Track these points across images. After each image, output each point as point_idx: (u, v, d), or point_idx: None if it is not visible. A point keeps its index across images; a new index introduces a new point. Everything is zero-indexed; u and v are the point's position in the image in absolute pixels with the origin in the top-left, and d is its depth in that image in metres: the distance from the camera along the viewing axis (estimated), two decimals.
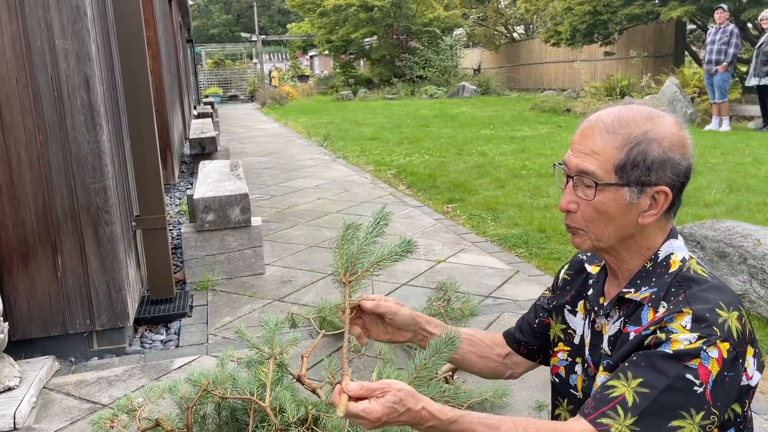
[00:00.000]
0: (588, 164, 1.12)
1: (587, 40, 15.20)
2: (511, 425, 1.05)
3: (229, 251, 3.95)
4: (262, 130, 13.52)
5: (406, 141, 10.06)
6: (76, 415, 2.44)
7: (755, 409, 2.31)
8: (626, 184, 1.11)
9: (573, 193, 1.15)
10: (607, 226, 1.14)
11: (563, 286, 1.39)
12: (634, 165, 1.10)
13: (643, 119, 1.11)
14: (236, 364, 2.23)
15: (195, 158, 7.89)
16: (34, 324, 2.81)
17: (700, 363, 1.02)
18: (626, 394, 1.04)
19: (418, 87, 21.46)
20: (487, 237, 4.74)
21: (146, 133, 3.36)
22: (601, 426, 1.03)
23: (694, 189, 5.83)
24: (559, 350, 1.35)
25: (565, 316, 1.35)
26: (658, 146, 1.10)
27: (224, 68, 30.90)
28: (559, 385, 1.35)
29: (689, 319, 1.05)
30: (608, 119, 1.13)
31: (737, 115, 10.71)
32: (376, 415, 1.03)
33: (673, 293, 1.12)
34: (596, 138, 1.12)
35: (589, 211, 1.14)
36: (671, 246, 1.18)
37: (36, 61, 2.63)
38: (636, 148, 1.10)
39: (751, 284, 3.05)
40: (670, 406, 1.02)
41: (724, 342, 1.03)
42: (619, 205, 1.12)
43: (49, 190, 2.73)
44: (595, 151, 1.12)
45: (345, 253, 1.29)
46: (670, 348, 1.04)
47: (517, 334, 1.46)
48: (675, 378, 1.02)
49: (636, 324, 1.13)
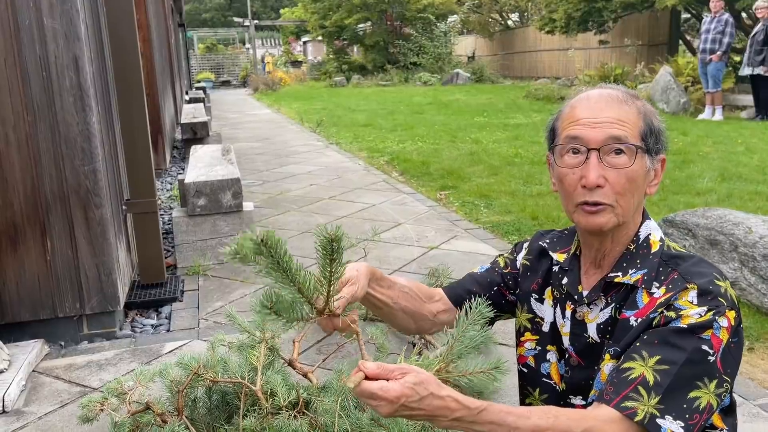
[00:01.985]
0: (619, 131, 1.11)
1: (582, 28, 15.14)
2: (541, 413, 1.02)
3: (221, 236, 3.93)
4: (255, 116, 13.44)
5: (400, 128, 10.02)
6: (65, 399, 2.42)
7: (744, 394, 2.32)
8: (647, 150, 1.13)
9: (600, 166, 1.11)
10: (634, 197, 1.13)
11: (524, 271, 1.35)
12: (651, 132, 1.14)
13: (633, 96, 1.17)
14: (227, 348, 2.22)
15: (186, 143, 7.84)
16: (23, 307, 2.79)
17: (713, 333, 1.04)
18: (645, 373, 1.03)
19: (411, 74, 21.36)
20: (479, 224, 4.73)
21: (137, 116, 3.32)
22: (626, 410, 1.01)
23: (686, 177, 5.85)
24: (526, 340, 1.33)
25: (531, 304, 1.32)
26: (655, 117, 1.16)
27: (216, 53, 30.66)
28: (528, 374, 1.32)
29: (695, 294, 1.07)
30: (616, 93, 1.16)
31: (730, 105, 10.72)
32: (393, 394, 0.95)
33: (663, 272, 1.13)
34: (616, 108, 1.13)
35: (621, 182, 1.11)
36: (648, 227, 1.19)
37: (24, 41, 2.59)
38: (647, 117, 1.15)
39: (741, 272, 3.06)
40: (689, 378, 1.03)
41: (731, 311, 1.06)
42: (644, 173, 1.14)
43: (38, 172, 2.70)
44: (621, 119, 1.12)
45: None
46: (682, 323, 1.05)
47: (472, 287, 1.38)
48: (693, 351, 1.03)
49: (632, 308, 1.12)
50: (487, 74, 20.44)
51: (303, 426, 1.81)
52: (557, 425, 1.00)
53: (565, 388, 1.25)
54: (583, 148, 1.13)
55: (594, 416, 1.03)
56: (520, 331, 1.35)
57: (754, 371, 2.54)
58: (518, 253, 1.40)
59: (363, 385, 0.97)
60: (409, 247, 4.18)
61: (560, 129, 1.19)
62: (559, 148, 1.17)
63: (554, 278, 1.29)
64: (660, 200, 5.04)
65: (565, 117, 1.18)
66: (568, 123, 1.16)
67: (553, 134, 1.21)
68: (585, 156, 1.12)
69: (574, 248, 1.28)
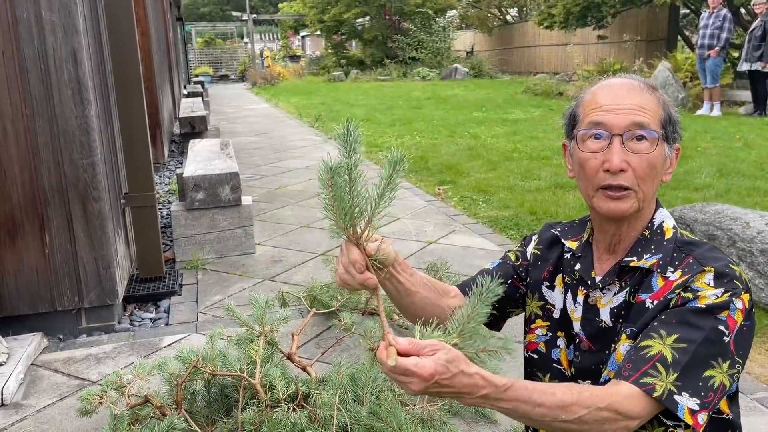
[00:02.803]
0: (642, 118, 1.14)
1: (580, 24, 15.13)
2: (565, 389, 1.04)
3: (219, 230, 3.93)
4: (253, 111, 13.42)
5: (398, 123, 10.02)
6: (64, 392, 2.43)
7: (741, 388, 2.33)
8: (666, 138, 1.17)
9: (623, 151, 1.14)
10: (653, 182, 1.17)
11: (535, 261, 1.37)
12: (670, 121, 1.17)
13: (653, 86, 1.20)
14: (226, 342, 2.22)
15: (185, 137, 7.83)
16: (22, 301, 2.79)
17: (729, 315, 1.07)
18: (663, 351, 1.06)
19: (410, 69, 21.34)
20: (478, 219, 4.74)
21: (135, 109, 3.32)
22: (645, 386, 1.04)
23: (684, 173, 5.86)
24: (537, 327, 1.34)
25: (543, 292, 1.34)
26: (672, 108, 1.19)
27: (215, 47, 30.57)
28: (539, 360, 1.34)
29: (711, 277, 1.09)
30: (636, 82, 1.19)
31: (728, 100, 10.73)
32: (428, 371, 0.93)
33: (677, 258, 1.16)
34: (638, 96, 1.16)
35: (643, 167, 1.14)
36: (662, 214, 1.23)
37: (22, 34, 2.58)
38: (666, 106, 1.18)
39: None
40: (705, 357, 1.05)
41: (746, 293, 1.09)
42: (662, 160, 1.17)
43: (37, 165, 2.69)
44: (643, 107, 1.15)
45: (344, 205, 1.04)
46: (699, 303, 1.08)
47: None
48: (710, 330, 1.06)
49: (648, 291, 1.15)
50: (485, 69, 20.43)
51: (302, 419, 1.82)
52: (581, 400, 1.02)
53: (574, 373, 1.27)
54: (606, 134, 1.15)
55: (615, 392, 1.05)
56: (530, 318, 1.37)
57: (751, 366, 2.55)
58: (527, 245, 1.42)
59: (400, 361, 0.94)
60: (408, 241, 4.18)
61: (582, 115, 1.21)
62: (581, 133, 1.19)
63: (566, 265, 1.30)
64: (658, 195, 5.02)
65: (586, 103, 1.21)
66: (591, 109, 1.18)
67: (574, 121, 1.24)
68: (608, 141, 1.15)
69: (587, 236, 1.30)
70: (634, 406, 1.03)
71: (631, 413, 1.03)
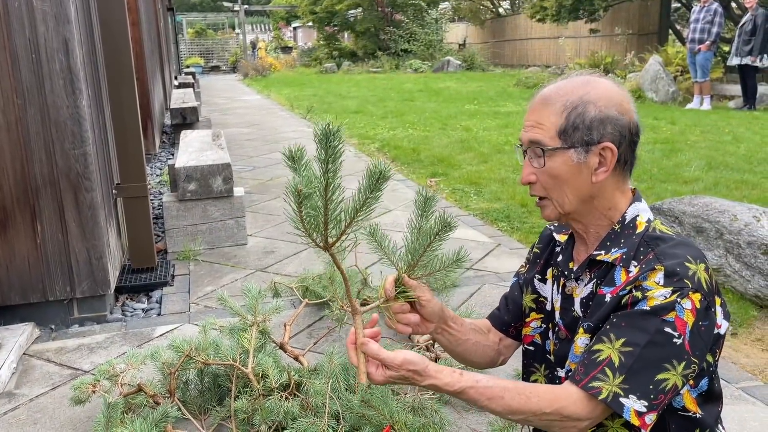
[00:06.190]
0: (534, 134, 1.20)
1: (573, 17, 15.14)
2: (515, 393, 1.10)
3: (211, 221, 3.93)
4: (245, 102, 13.37)
5: (390, 115, 10.01)
6: (57, 381, 2.43)
7: (727, 378, 2.37)
8: (571, 146, 1.18)
9: (529, 165, 1.22)
10: (564, 189, 1.20)
11: (534, 259, 1.43)
12: (575, 127, 1.17)
13: (580, 85, 1.20)
14: (218, 331, 2.24)
15: (176, 128, 7.80)
16: (13, 291, 2.79)
17: (676, 315, 1.08)
18: (612, 355, 1.09)
19: (402, 61, 21.29)
20: (469, 211, 4.76)
21: (127, 100, 3.31)
22: (592, 389, 1.08)
23: (674, 166, 5.90)
24: (532, 320, 1.38)
25: (535, 285, 1.38)
26: (594, 107, 1.17)
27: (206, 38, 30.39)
28: (535, 352, 1.38)
29: (662, 275, 1.10)
30: (547, 92, 1.22)
31: (718, 95, 10.79)
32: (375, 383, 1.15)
33: (642, 252, 1.17)
34: (538, 111, 1.21)
35: (545, 179, 1.21)
36: (637, 208, 1.24)
37: (13, 23, 2.57)
38: (573, 111, 1.17)
39: (726, 258, 3.11)
40: (655, 360, 1.08)
41: (696, 293, 1.09)
42: (569, 167, 1.19)
43: (28, 155, 2.69)
44: (540, 122, 1.20)
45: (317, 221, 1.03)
46: (647, 305, 1.09)
47: (506, 316, 1.45)
48: (655, 333, 1.07)
49: (610, 285, 1.17)
50: (478, 62, 20.41)
51: (294, 407, 1.84)
52: (529, 405, 1.09)
53: (553, 361, 1.31)
54: (519, 149, 1.25)
55: (564, 396, 1.10)
56: (525, 312, 1.40)
57: (736, 356, 2.59)
58: (533, 249, 1.47)
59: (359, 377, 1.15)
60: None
61: None
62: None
63: (555, 257, 1.35)
64: (647, 188, 5.09)
65: None
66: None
67: None
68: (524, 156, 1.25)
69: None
70: (581, 409, 1.09)
71: (579, 416, 1.09)
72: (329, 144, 0.98)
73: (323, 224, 1.02)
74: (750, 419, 2.13)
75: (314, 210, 1.00)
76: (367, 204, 1.02)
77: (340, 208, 1.02)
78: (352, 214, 1.03)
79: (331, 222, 1.02)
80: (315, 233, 1.04)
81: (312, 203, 1.00)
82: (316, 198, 1.00)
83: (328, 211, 1.01)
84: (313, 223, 1.02)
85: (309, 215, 1.00)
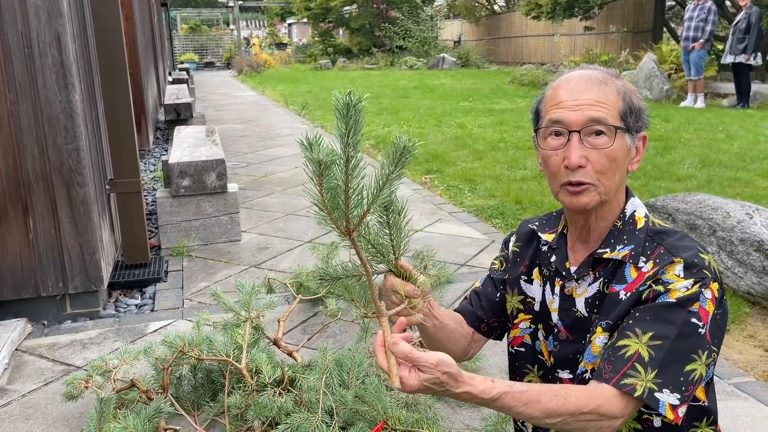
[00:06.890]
0: (598, 113, 1.14)
1: (567, 14, 15.15)
2: (551, 396, 1.06)
3: (205, 217, 3.92)
4: (239, 98, 13.33)
5: (385, 112, 10.00)
6: (49, 377, 2.42)
7: (719, 374, 2.38)
8: (628, 129, 1.16)
9: (582, 146, 1.14)
10: (615, 175, 1.17)
11: (514, 258, 1.39)
12: (631, 111, 1.17)
13: (614, 75, 1.20)
14: (212, 327, 2.23)
15: (170, 124, 7.76)
16: (6, 286, 2.77)
17: (700, 306, 1.08)
18: (640, 350, 1.08)
19: (397, 58, 21.27)
20: (464, 208, 4.77)
21: (120, 94, 3.29)
22: (626, 387, 1.06)
23: (667, 163, 5.92)
24: (520, 321, 1.36)
25: (521, 287, 1.35)
26: (635, 96, 1.19)
27: (200, 34, 30.25)
28: (525, 353, 1.36)
29: (681, 268, 1.11)
30: (595, 75, 1.18)
31: (712, 92, 10.83)
32: (409, 389, 1.02)
33: (649, 247, 1.17)
34: (595, 90, 1.16)
35: (602, 161, 1.14)
36: (633, 204, 1.23)
37: (6, 17, 2.55)
38: (626, 96, 1.17)
39: (719, 255, 3.12)
40: (684, 351, 1.07)
41: (715, 282, 1.11)
42: (624, 151, 1.17)
43: (20, 150, 2.67)
44: (600, 101, 1.15)
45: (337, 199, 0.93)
46: (670, 297, 1.09)
47: (479, 312, 1.40)
48: (683, 324, 1.08)
49: (622, 282, 1.16)
50: (472, 59, 20.41)
51: (288, 402, 1.83)
52: (566, 407, 1.05)
53: (553, 363, 1.29)
54: (564, 131, 1.16)
55: (598, 395, 1.07)
56: (513, 314, 1.38)
57: (729, 352, 2.60)
58: (508, 246, 1.44)
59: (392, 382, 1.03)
60: None
61: (543, 112, 1.22)
62: (542, 131, 1.20)
63: (543, 258, 1.32)
64: (641, 186, 5.10)
65: (547, 100, 1.21)
66: (551, 106, 1.19)
67: (538, 117, 1.24)
68: (567, 138, 1.15)
69: (561, 227, 1.31)
70: (616, 407, 1.06)
71: (615, 414, 1.06)
72: (350, 115, 0.91)
73: (344, 202, 0.93)
74: (742, 415, 2.14)
75: (335, 189, 0.92)
76: (390, 180, 0.93)
77: (362, 184, 0.92)
78: (375, 191, 0.94)
79: (353, 199, 0.92)
80: (336, 213, 0.94)
81: (333, 183, 0.92)
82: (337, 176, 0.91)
83: (349, 189, 0.91)
84: (335, 202, 0.93)
85: (330, 189, 0.91)
